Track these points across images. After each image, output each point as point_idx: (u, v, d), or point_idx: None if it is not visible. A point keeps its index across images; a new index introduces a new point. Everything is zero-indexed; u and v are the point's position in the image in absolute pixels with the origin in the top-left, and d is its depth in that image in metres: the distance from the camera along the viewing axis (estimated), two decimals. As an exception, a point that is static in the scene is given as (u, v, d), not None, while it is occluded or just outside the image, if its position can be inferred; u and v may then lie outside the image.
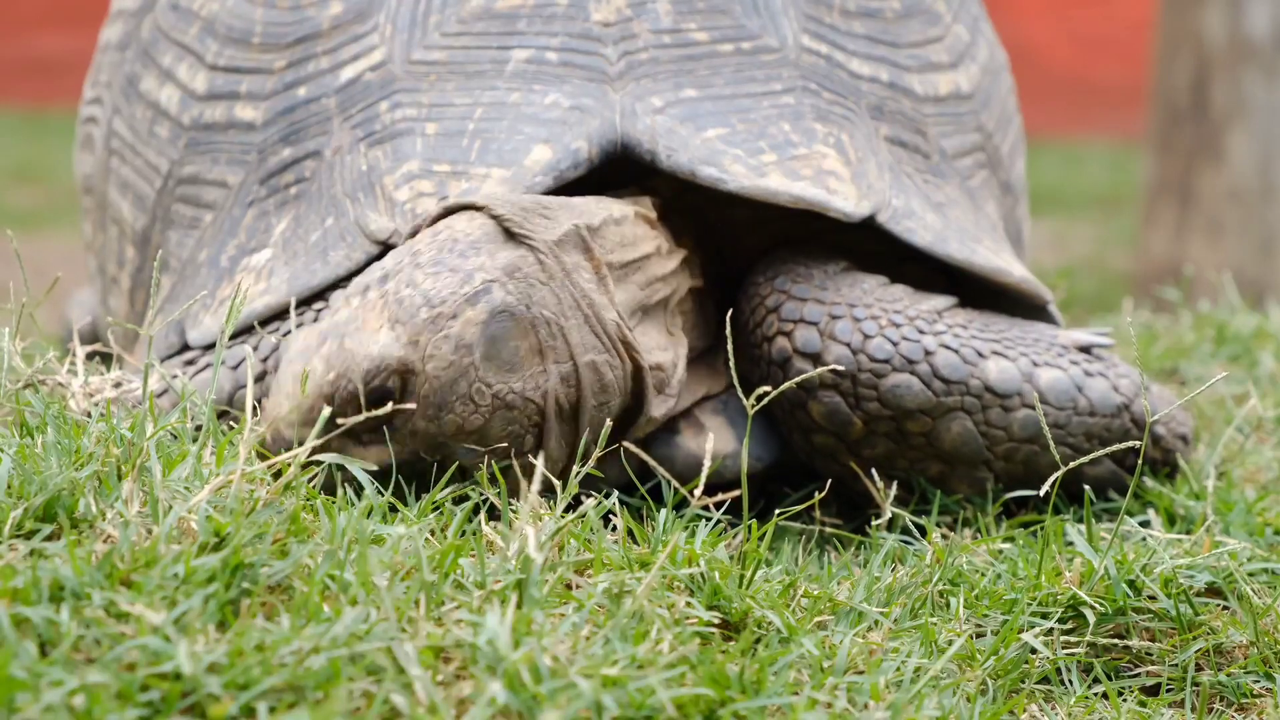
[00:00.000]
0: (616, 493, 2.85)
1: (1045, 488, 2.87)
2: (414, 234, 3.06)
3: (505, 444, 2.93)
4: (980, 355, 3.25)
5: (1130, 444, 2.95)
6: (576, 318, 3.00)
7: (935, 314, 3.28)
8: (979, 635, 2.75)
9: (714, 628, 2.53)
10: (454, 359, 2.88)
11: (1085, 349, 3.34)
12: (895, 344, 3.22)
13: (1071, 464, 2.92)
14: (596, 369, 3.01)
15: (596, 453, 2.79)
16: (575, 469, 2.78)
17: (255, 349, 3.14)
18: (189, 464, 2.58)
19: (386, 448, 2.85)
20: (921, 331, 3.24)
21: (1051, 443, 2.83)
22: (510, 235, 2.99)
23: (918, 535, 3.07)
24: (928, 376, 3.22)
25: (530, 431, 2.95)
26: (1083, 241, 10.63)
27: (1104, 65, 13.43)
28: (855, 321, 3.23)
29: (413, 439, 2.87)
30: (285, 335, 3.18)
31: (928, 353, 3.23)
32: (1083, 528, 2.95)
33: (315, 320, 3.16)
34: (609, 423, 2.89)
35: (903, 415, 3.22)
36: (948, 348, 3.24)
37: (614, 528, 2.74)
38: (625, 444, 2.93)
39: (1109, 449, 2.91)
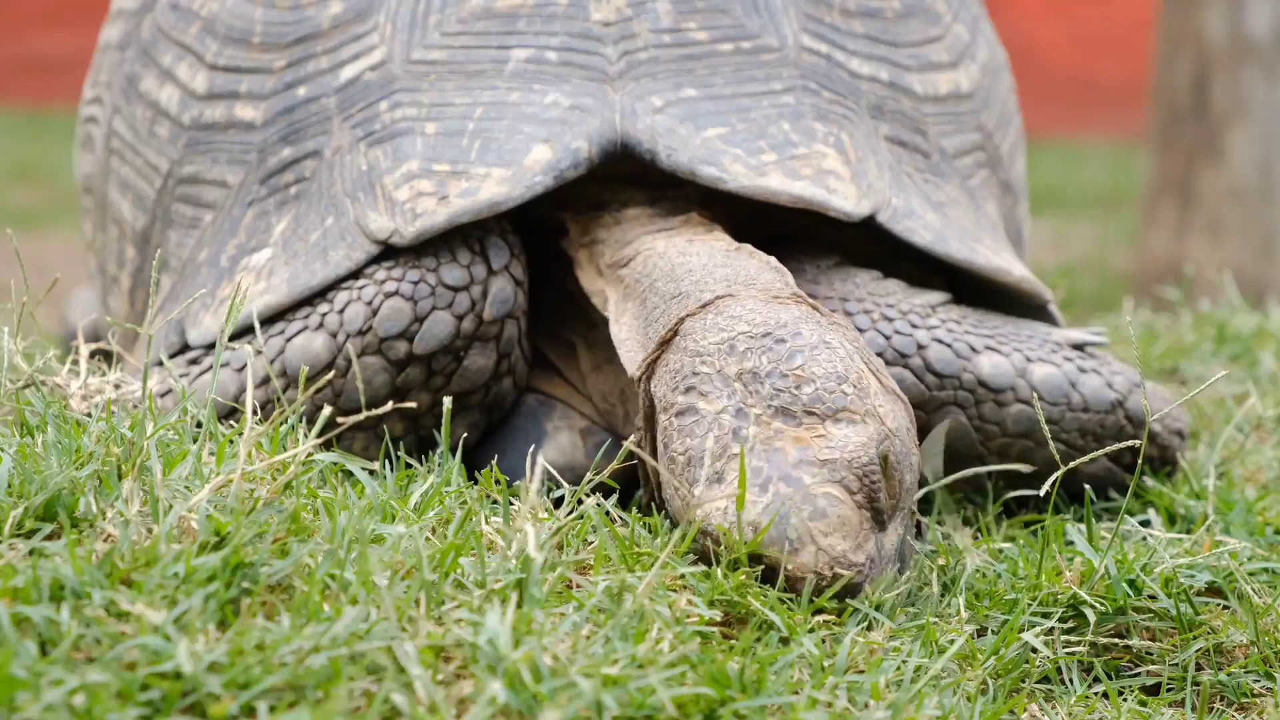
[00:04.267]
0: (618, 490, 2.85)
1: (1045, 488, 2.88)
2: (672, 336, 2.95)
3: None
4: (973, 350, 3.25)
5: (1130, 444, 2.95)
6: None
7: (929, 308, 3.29)
8: (979, 635, 2.75)
9: (715, 626, 2.53)
10: (903, 415, 2.86)
11: (1079, 346, 3.34)
12: (887, 338, 3.22)
13: (1071, 464, 2.93)
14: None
15: (620, 455, 2.81)
16: (589, 476, 2.79)
17: (259, 350, 3.14)
18: (189, 463, 2.58)
19: (888, 529, 2.75)
20: (914, 326, 3.24)
21: (1049, 438, 2.83)
22: (788, 299, 2.95)
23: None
24: (920, 370, 3.22)
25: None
26: (1083, 241, 10.63)
27: (1104, 65, 13.43)
28: (847, 315, 3.23)
29: (903, 499, 2.80)
30: (289, 340, 3.17)
31: (920, 347, 3.23)
32: (1083, 527, 2.95)
33: (321, 322, 3.16)
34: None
35: None
36: (940, 342, 3.24)
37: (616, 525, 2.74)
38: (627, 444, 2.93)
39: (1108, 449, 2.91)
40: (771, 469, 2.70)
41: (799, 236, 3.39)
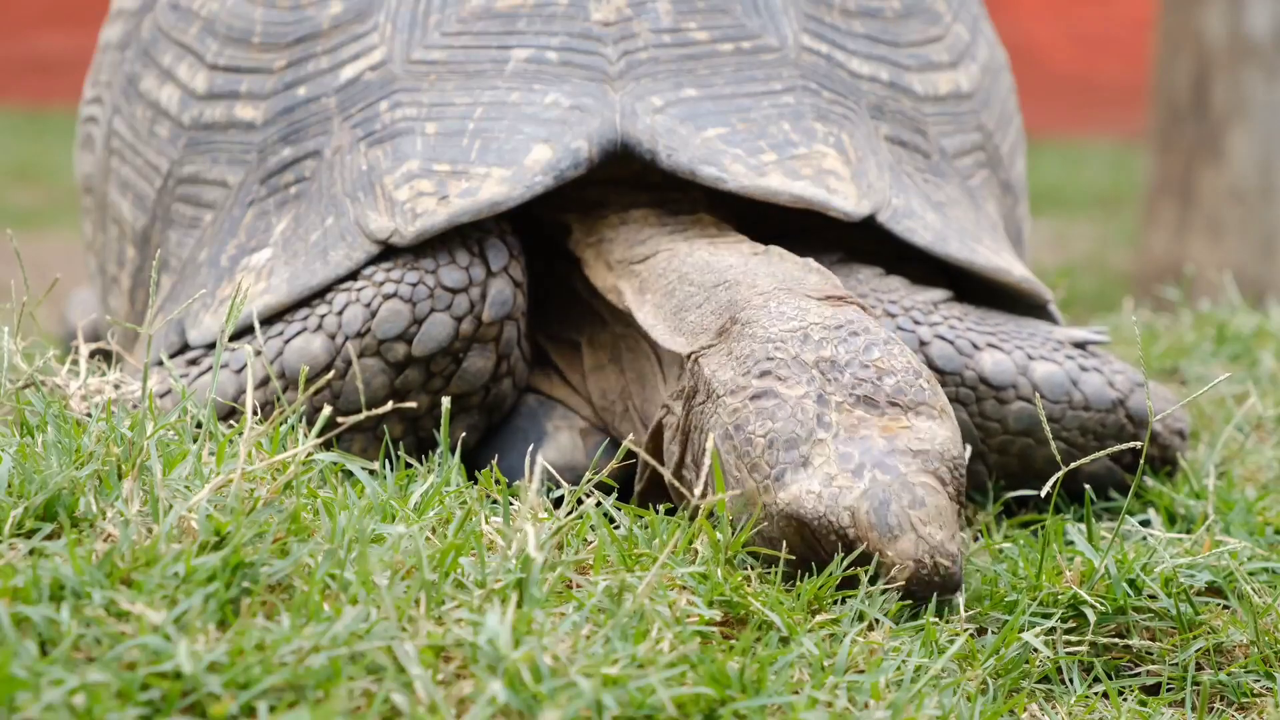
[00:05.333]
0: (617, 489, 2.85)
1: (1046, 488, 2.88)
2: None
3: None
4: (975, 347, 3.25)
5: (1132, 445, 2.96)
6: None
7: (931, 305, 3.28)
8: (979, 635, 2.74)
9: (715, 626, 2.53)
10: None
11: (1081, 345, 3.34)
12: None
13: (1072, 465, 2.92)
14: None
15: (619, 455, 2.81)
16: (588, 475, 2.78)
17: (258, 351, 3.14)
18: (189, 463, 2.58)
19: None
20: (917, 322, 3.24)
21: (1049, 435, 2.84)
22: (841, 299, 2.96)
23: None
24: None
25: None
26: (1083, 241, 10.63)
27: (1104, 64, 13.43)
28: None
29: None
30: (288, 341, 3.17)
31: (922, 343, 3.22)
32: (1083, 527, 2.95)
33: (320, 324, 3.16)
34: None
35: None
36: (942, 338, 3.24)
37: (616, 525, 2.73)
38: (625, 442, 2.93)
39: (1110, 450, 2.91)
40: (864, 456, 2.71)
41: (802, 233, 3.38)
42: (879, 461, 2.70)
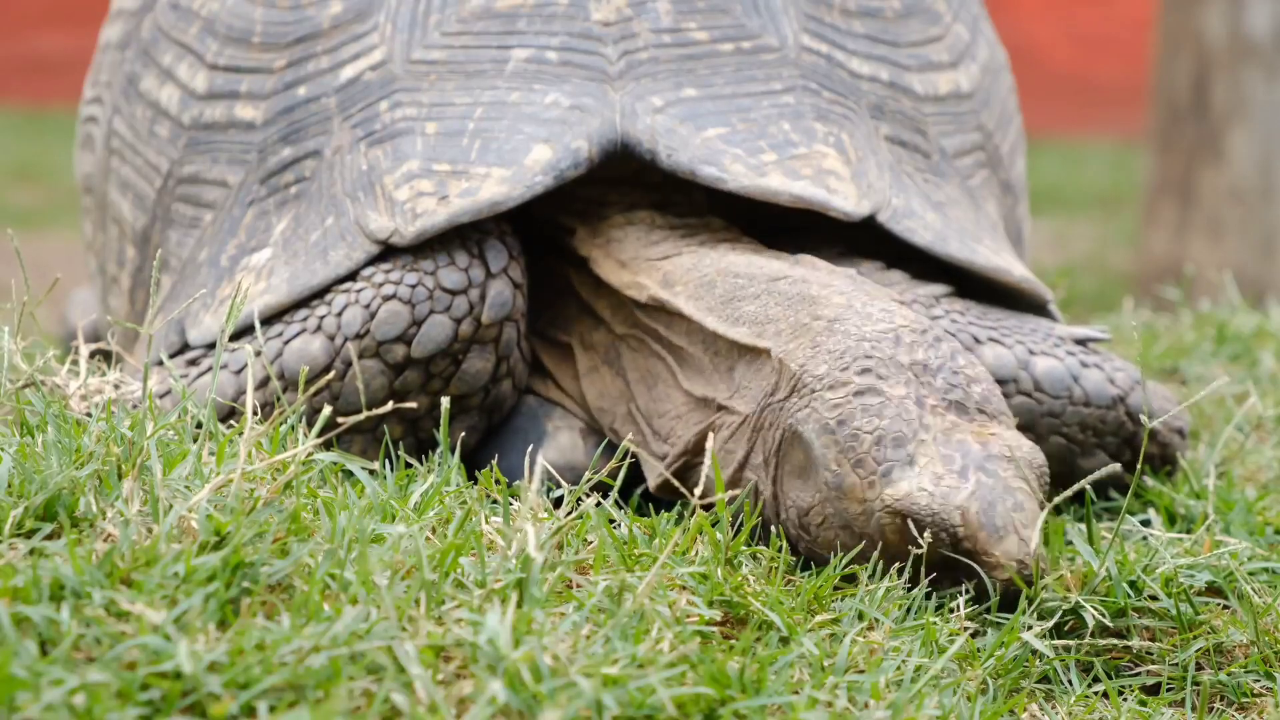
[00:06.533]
0: (616, 489, 2.85)
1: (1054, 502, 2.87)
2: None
3: None
4: (977, 341, 3.25)
5: (1133, 450, 2.95)
6: None
7: (933, 299, 3.28)
8: (979, 635, 2.74)
9: (715, 626, 2.53)
10: None
11: (1082, 342, 3.34)
12: None
13: (1080, 484, 2.91)
14: None
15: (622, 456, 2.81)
16: (588, 474, 2.78)
17: (258, 351, 3.14)
18: (189, 463, 2.58)
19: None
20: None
21: (1052, 429, 2.84)
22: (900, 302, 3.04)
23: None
24: None
25: None
26: (1083, 241, 10.63)
27: (1104, 64, 13.43)
28: None
29: None
30: (287, 342, 3.17)
31: None
32: (1083, 527, 2.95)
33: (319, 325, 3.16)
34: None
35: None
36: (944, 332, 3.23)
37: (616, 525, 2.73)
38: (625, 442, 2.93)
39: (1112, 463, 2.90)
40: (965, 459, 2.79)
41: (802, 229, 3.38)
42: (980, 465, 2.78)
